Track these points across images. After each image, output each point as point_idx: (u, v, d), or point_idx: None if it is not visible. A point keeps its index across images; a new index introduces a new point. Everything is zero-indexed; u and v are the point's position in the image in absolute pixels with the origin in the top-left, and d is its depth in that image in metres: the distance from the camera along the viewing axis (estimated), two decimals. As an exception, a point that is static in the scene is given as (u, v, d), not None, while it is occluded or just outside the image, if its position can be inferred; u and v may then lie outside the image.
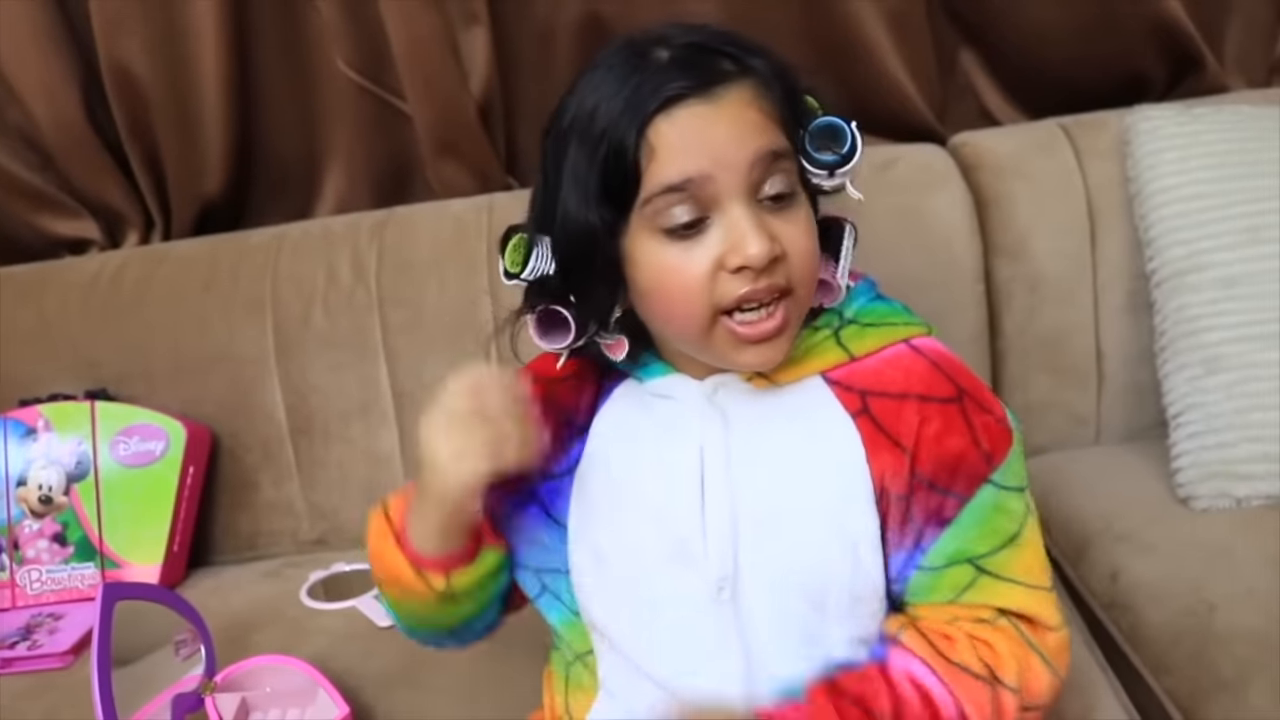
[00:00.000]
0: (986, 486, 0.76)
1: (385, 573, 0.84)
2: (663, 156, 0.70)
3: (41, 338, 1.46)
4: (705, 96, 0.70)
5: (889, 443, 0.76)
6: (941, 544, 0.76)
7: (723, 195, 0.71)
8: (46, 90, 1.48)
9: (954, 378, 0.78)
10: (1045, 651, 0.76)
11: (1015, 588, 0.76)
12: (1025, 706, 0.74)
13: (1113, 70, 1.47)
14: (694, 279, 0.72)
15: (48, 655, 1.25)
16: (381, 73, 1.48)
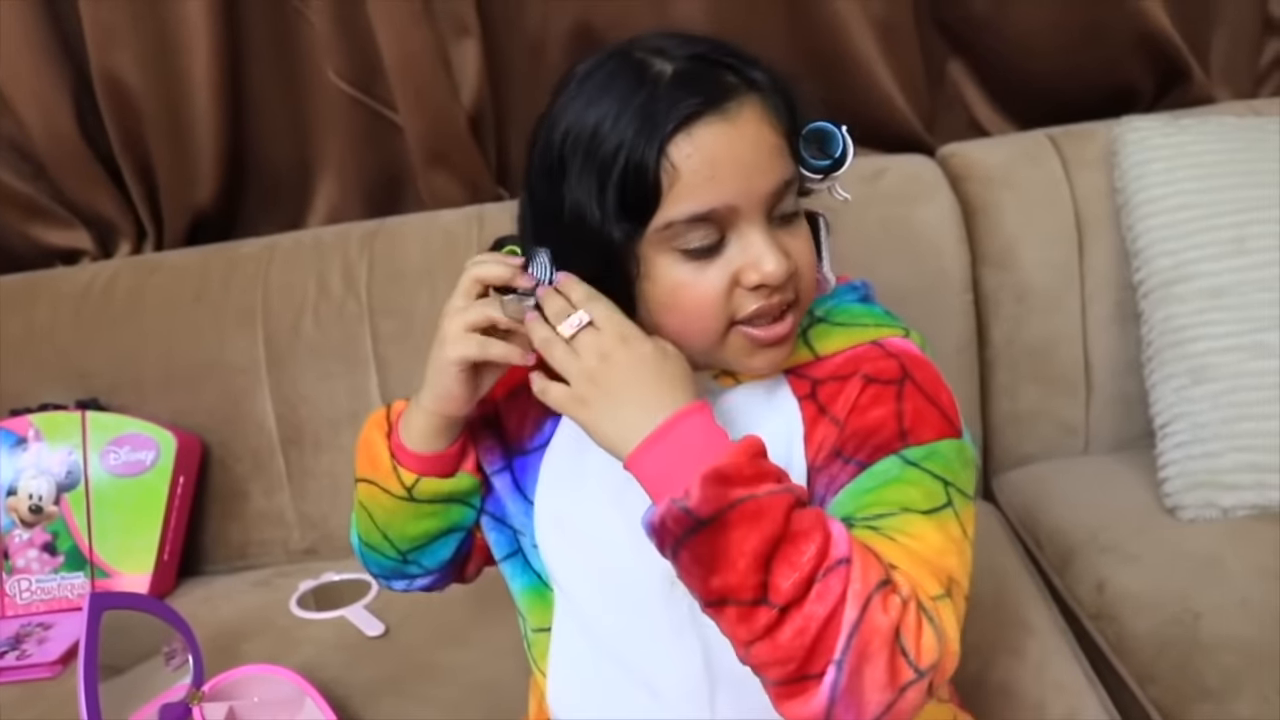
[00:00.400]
0: (892, 457, 0.73)
1: (366, 459, 0.87)
2: (688, 181, 0.70)
3: (33, 347, 1.46)
4: (721, 113, 0.70)
5: (825, 419, 0.76)
6: (827, 510, 0.72)
7: (742, 219, 0.72)
8: (39, 100, 1.49)
9: (907, 366, 0.76)
10: (933, 612, 0.67)
11: (893, 544, 0.69)
12: (905, 650, 0.65)
13: (1101, 81, 1.48)
14: (712, 295, 0.72)
15: (36, 665, 1.25)
16: (373, 84, 1.48)
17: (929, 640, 0.65)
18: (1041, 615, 1.12)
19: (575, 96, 0.73)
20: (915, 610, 0.66)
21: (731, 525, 0.65)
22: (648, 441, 0.69)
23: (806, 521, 0.66)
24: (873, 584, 0.65)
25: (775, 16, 1.44)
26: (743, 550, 0.64)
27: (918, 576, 0.68)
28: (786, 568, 0.64)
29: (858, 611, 0.63)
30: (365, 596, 1.30)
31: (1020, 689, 1.01)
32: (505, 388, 0.89)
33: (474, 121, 1.47)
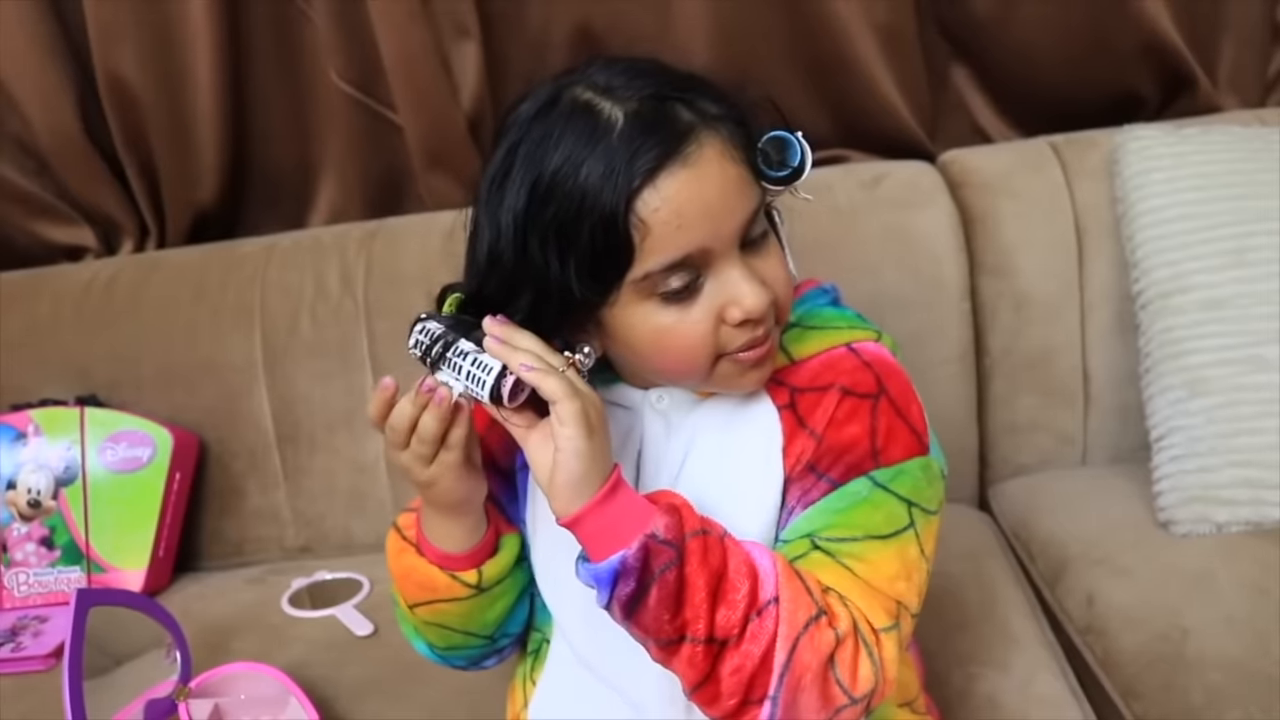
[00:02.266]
0: (862, 479, 0.74)
1: (416, 586, 0.84)
2: (658, 233, 0.69)
3: (33, 343, 1.48)
4: (682, 160, 0.69)
5: (804, 432, 0.76)
6: (796, 522, 0.75)
7: (716, 257, 0.71)
8: (43, 99, 1.50)
9: (881, 377, 0.77)
10: (869, 639, 0.70)
11: (845, 574, 0.72)
12: (839, 681, 0.68)
13: (1105, 89, 1.47)
14: (697, 336, 0.72)
15: (31, 658, 1.26)
16: (373, 85, 1.49)
17: (865, 671, 0.69)
18: (1029, 628, 1.12)
19: (522, 144, 0.71)
20: (853, 643, 0.69)
21: (688, 558, 0.67)
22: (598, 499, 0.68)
23: (736, 560, 0.69)
24: (800, 623, 0.68)
25: (777, 20, 1.43)
26: (697, 584, 0.67)
27: (867, 608, 0.71)
28: (725, 607, 0.68)
29: (786, 653, 0.67)
30: (356, 596, 1.31)
31: (1005, 701, 1.01)
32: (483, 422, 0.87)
33: (473, 123, 1.48)
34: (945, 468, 0.79)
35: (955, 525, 1.28)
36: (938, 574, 0.78)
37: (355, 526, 1.44)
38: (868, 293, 1.22)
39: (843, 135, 1.50)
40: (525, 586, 0.89)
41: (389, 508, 1.43)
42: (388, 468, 1.42)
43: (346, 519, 1.44)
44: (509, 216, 0.70)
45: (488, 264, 0.73)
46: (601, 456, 0.69)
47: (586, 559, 0.69)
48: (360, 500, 1.43)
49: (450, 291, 0.80)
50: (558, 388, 0.69)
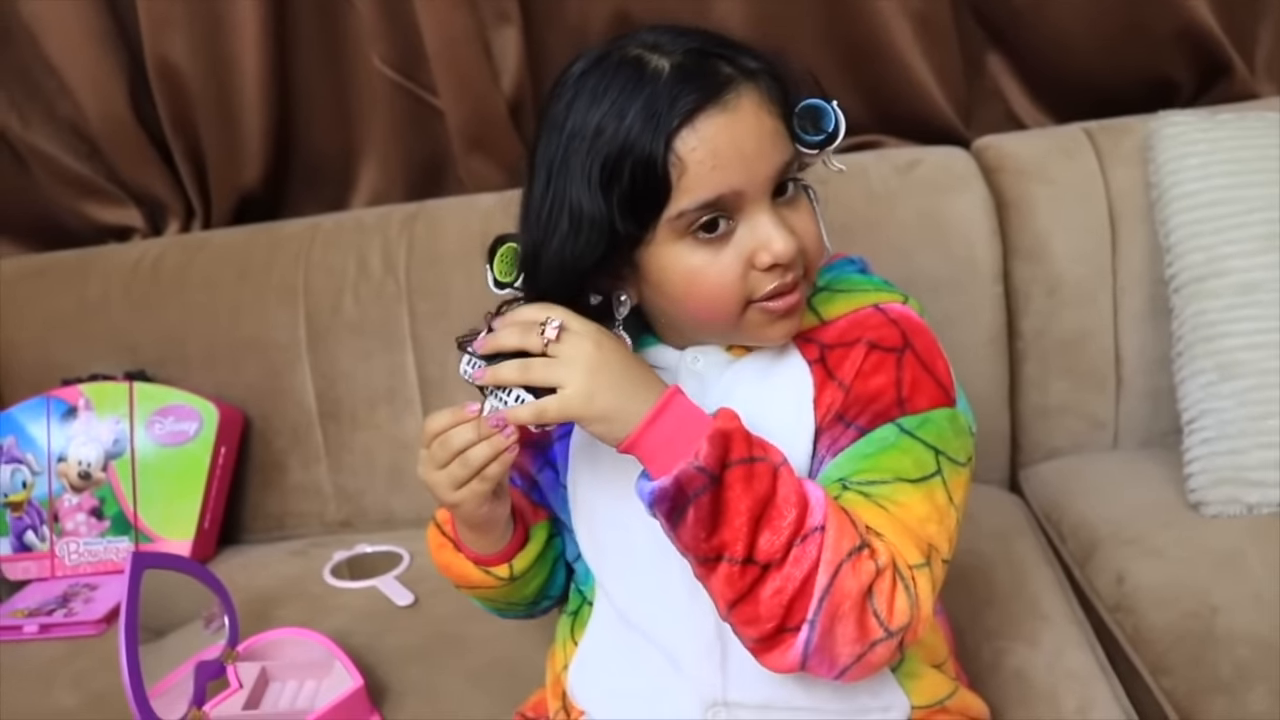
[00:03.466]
0: (889, 425, 0.77)
1: (457, 577, 0.91)
2: (694, 173, 0.72)
3: (85, 320, 1.52)
4: (720, 105, 0.73)
5: (833, 383, 0.79)
6: (826, 470, 0.78)
7: (748, 203, 0.74)
8: (95, 84, 1.54)
9: (907, 333, 0.80)
10: (909, 579, 0.73)
11: (881, 512, 0.74)
12: (876, 611, 0.71)
13: (1141, 75, 1.47)
14: (727, 279, 0.75)
15: (82, 623, 1.30)
16: (416, 70, 1.52)
17: (901, 604, 0.72)
18: (1059, 606, 1.13)
19: (576, 96, 0.74)
20: (891, 576, 0.72)
21: (730, 484, 0.70)
22: (646, 421, 0.72)
23: (787, 488, 0.71)
24: (844, 551, 0.70)
25: (813, 6, 1.45)
26: (739, 509, 0.70)
27: (900, 544, 0.74)
28: (770, 531, 0.70)
29: (829, 578, 0.70)
30: (397, 567, 1.34)
31: (1034, 676, 1.02)
32: None
33: (514, 108, 1.50)
34: (974, 425, 0.82)
35: (986, 506, 1.29)
36: (968, 552, 0.80)
37: (394, 502, 1.47)
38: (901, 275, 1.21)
39: (878, 121, 1.51)
40: (557, 559, 0.94)
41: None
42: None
43: (386, 495, 1.47)
44: (559, 159, 0.74)
45: (538, 208, 0.76)
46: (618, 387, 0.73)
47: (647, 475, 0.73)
48: (400, 476, 1.46)
49: (502, 242, 0.83)
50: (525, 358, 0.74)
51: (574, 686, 0.91)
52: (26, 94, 1.56)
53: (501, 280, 0.82)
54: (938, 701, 0.85)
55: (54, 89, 1.56)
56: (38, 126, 1.57)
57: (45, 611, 1.33)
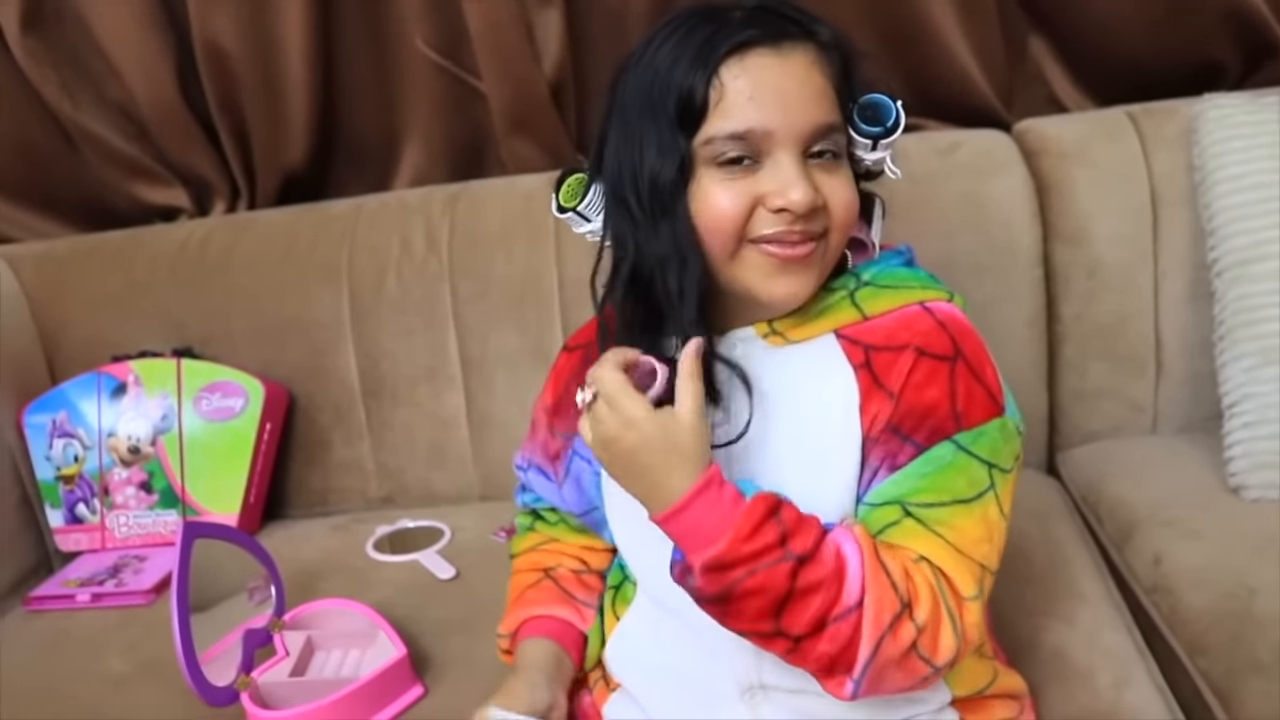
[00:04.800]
0: (947, 443, 0.77)
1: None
2: (730, 100, 0.75)
3: (133, 299, 1.55)
4: (774, 48, 0.76)
5: (881, 392, 0.79)
6: (884, 486, 0.78)
7: (777, 146, 0.76)
8: (144, 67, 1.56)
9: (957, 339, 0.80)
10: (955, 610, 0.75)
11: (938, 541, 0.76)
12: (922, 656, 0.73)
13: (1186, 58, 1.46)
14: (735, 208, 0.76)
15: (132, 593, 1.33)
16: (459, 52, 1.53)
17: (947, 642, 0.74)
18: (1096, 586, 1.13)
19: (654, 38, 0.79)
20: (934, 624, 0.74)
21: (734, 599, 0.72)
22: (664, 518, 0.74)
23: (816, 575, 0.71)
24: (885, 623, 0.72)
25: (856, -12, 1.45)
26: (747, 612, 0.72)
27: (957, 575, 0.76)
28: (794, 618, 0.72)
29: (870, 649, 0.72)
30: (438, 542, 1.36)
31: (1071, 655, 1.02)
32: (553, 391, 0.96)
33: (555, 89, 1.51)
34: (1022, 424, 0.82)
35: (1024, 488, 1.25)
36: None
37: (435, 479, 1.50)
38: (941, 258, 1.23)
39: (919, 104, 1.50)
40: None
41: (469, 462, 1.48)
42: (468, 423, 1.47)
43: (427, 471, 1.49)
44: (629, 88, 0.79)
45: (605, 135, 0.81)
46: (642, 475, 0.75)
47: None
48: (440, 454, 1.48)
49: (570, 174, 0.86)
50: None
51: (612, 660, 0.92)
52: (76, 76, 1.59)
53: (564, 205, 0.85)
54: (978, 691, 0.86)
55: (103, 71, 1.58)
56: (87, 108, 1.60)
57: (96, 581, 1.36)
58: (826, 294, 0.83)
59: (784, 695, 0.82)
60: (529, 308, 1.43)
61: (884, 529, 0.77)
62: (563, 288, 1.42)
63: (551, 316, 1.43)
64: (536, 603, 0.95)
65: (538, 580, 0.97)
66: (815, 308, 0.83)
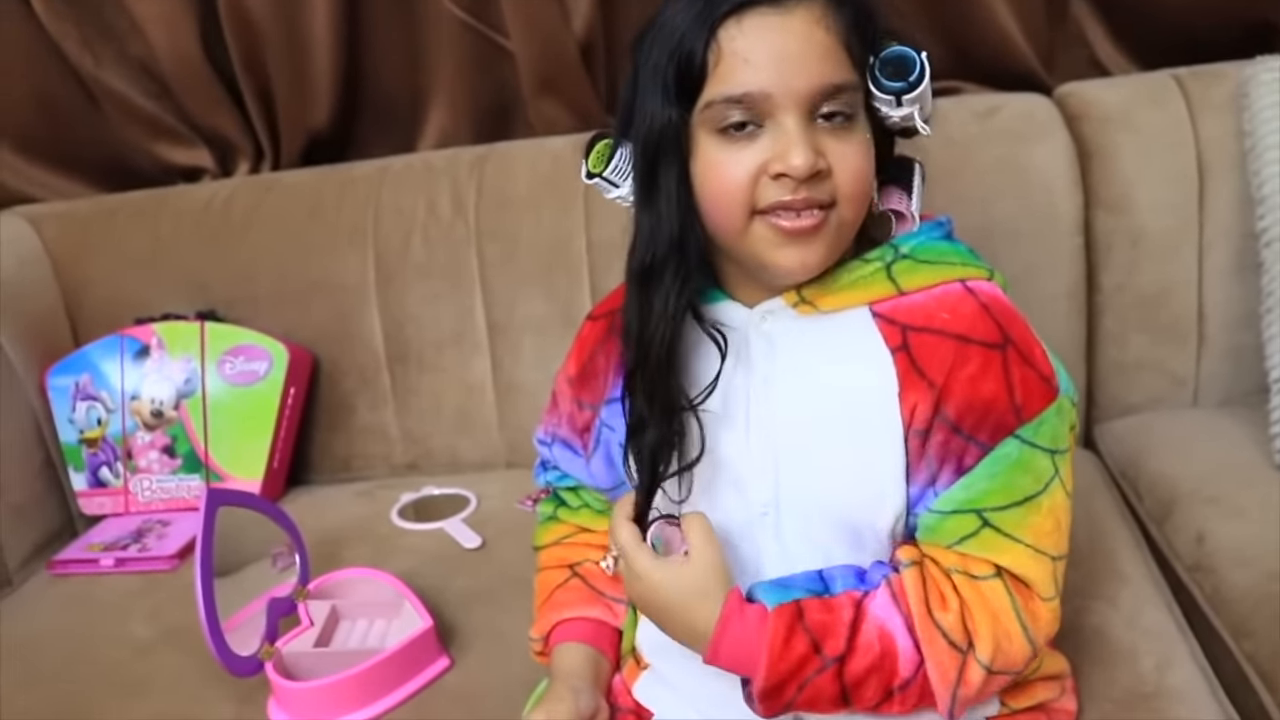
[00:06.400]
0: (1011, 440, 0.75)
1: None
2: (728, 63, 0.72)
3: (156, 261, 1.53)
4: (775, 5, 0.72)
5: (920, 379, 0.76)
6: (954, 491, 0.76)
7: (778, 110, 0.73)
8: (166, 24, 1.53)
9: (1003, 324, 0.77)
10: (1029, 620, 0.76)
11: (1017, 546, 0.76)
12: (999, 672, 0.75)
13: (1235, 19, 1.41)
14: (739, 178, 0.74)
15: (156, 558, 1.33)
16: (486, 11, 1.50)
17: (1020, 653, 0.76)
18: (1136, 564, 1.10)
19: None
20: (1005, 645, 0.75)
21: (798, 708, 0.76)
22: (709, 659, 0.76)
23: (861, 667, 0.74)
24: (952, 678, 0.74)
25: (894, -51, 1.40)
26: (819, 709, 0.76)
27: (1036, 579, 0.76)
28: (860, 702, 0.75)
29: (948, 699, 0.75)
30: (464, 510, 1.34)
31: (1113, 635, 1.00)
32: (577, 361, 0.93)
33: (585, 49, 1.48)
34: (1075, 394, 0.79)
35: None
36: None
37: (461, 446, 1.48)
38: (979, 224, 1.20)
39: (957, 66, 1.47)
40: None
41: (495, 428, 1.46)
42: (495, 389, 1.45)
43: (453, 438, 1.48)
44: (644, 48, 0.76)
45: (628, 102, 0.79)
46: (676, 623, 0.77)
47: None
48: (467, 420, 1.47)
49: (599, 138, 0.84)
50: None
51: (644, 642, 0.91)
52: (99, 33, 1.56)
53: (592, 171, 0.83)
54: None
55: (126, 28, 1.56)
56: (110, 65, 1.57)
57: (120, 546, 1.36)
58: (861, 264, 0.80)
59: None
60: (557, 272, 1.41)
61: (962, 540, 0.76)
62: (591, 252, 1.40)
63: (580, 281, 1.40)
64: (567, 605, 0.93)
65: (566, 579, 0.95)
66: (848, 277, 0.80)
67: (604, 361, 0.90)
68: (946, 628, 0.74)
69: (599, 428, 0.91)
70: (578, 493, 1.00)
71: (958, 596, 0.75)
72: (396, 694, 1.01)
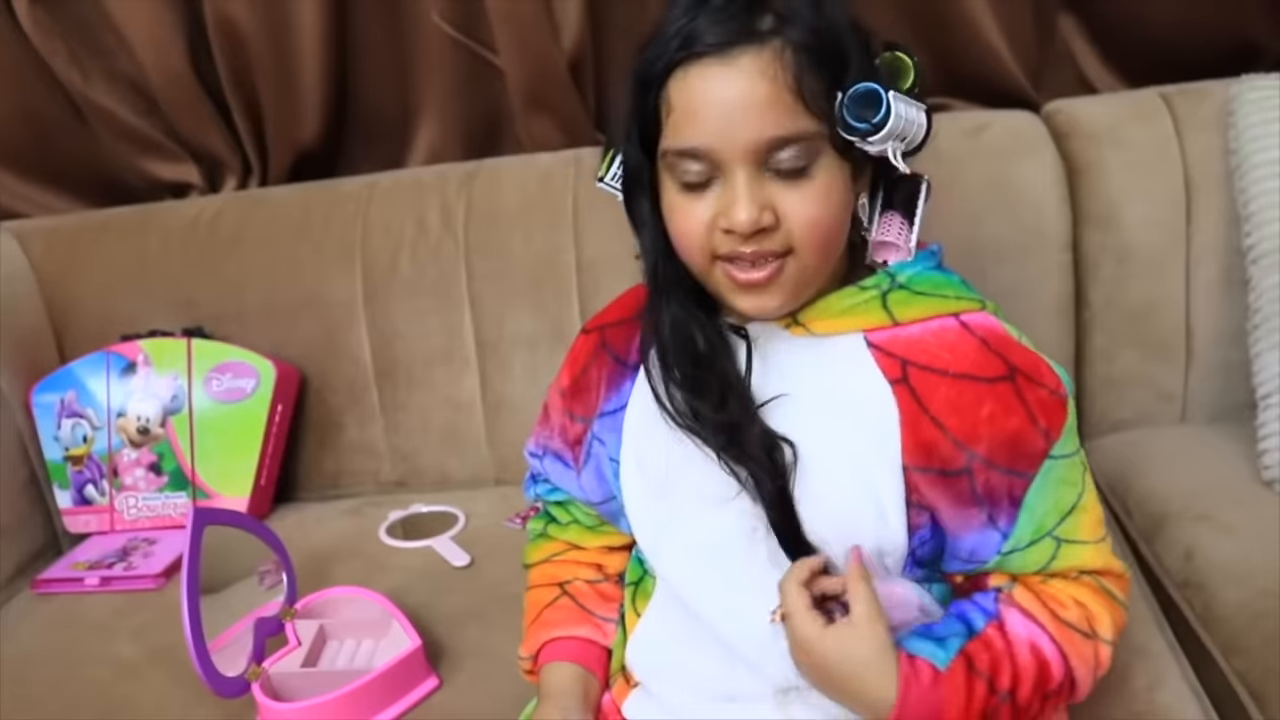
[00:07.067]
0: (1047, 462, 0.77)
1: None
2: (676, 117, 0.73)
3: (143, 277, 1.52)
4: (721, 57, 0.71)
5: (925, 417, 0.77)
6: (1020, 527, 0.78)
7: (727, 163, 0.73)
8: (155, 40, 1.53)
9: (1004, 355, 0.78)
10: (1118, 595, 0.81)
11: (1087, 548, 0.80)
12: (1114, 644, 0.80)
13: (1221, 38, 1.42)
14: (694, 228, 0.75)
15: (142, 576, 1.31)
16: (475, 27, 1.49)
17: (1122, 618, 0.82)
18: (1126, 581, 1.10)
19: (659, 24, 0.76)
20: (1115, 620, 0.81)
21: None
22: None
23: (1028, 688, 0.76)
24: (1091, 666, 0.79)
25: (883, -33, 1.41)
26: None
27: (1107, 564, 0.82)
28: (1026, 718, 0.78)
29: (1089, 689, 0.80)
30: (453, 528, 1.34)
31: (1101, 653, 1.00)
32: (570, 374, 0.93)
33: (574, 66, 1.48)
34: (1070, 382, 0.80)
35: None
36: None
37: (450, 463, 1.47)
38: (968, 241, 1.21)
39: (946, 83, 1.47)
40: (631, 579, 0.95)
41: (483, 445, 1.46)
42: (483, 406, 1.45)
43: (441, 455, 1.47)
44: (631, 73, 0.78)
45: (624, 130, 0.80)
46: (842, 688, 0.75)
47: None
48: (455, 437, 1.46)
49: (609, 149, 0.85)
50: None
51: (634, 659, 0.90)
52: (87, 49, 1.55)
53: (599, 175, 0.85)
54: None
55: (114, 44, 1.55)
56: (98, 82, 1.57)
57: (105, 565, 1.34)
58: (857, 291, 0.80)
59: (818, 696, 0.80)
60: (546, 289, 1.41)
61: (1047, 563, 0.79)
62: (581, 269, 1.40)
63: (569, 298, 1.40)
64: (556, 624, 0.93)
65: (555, 598, 0.95)
66: (842, 304, 0.80)
67: (596, 374, 0.90)
68: (1074, 622, 0.78)
69: (590, 440, 0.90)
70: (567, 508, 0.99)
71: (1066, 595, 0.79)
72: (385, 714, 1.01)
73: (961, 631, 0.77)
